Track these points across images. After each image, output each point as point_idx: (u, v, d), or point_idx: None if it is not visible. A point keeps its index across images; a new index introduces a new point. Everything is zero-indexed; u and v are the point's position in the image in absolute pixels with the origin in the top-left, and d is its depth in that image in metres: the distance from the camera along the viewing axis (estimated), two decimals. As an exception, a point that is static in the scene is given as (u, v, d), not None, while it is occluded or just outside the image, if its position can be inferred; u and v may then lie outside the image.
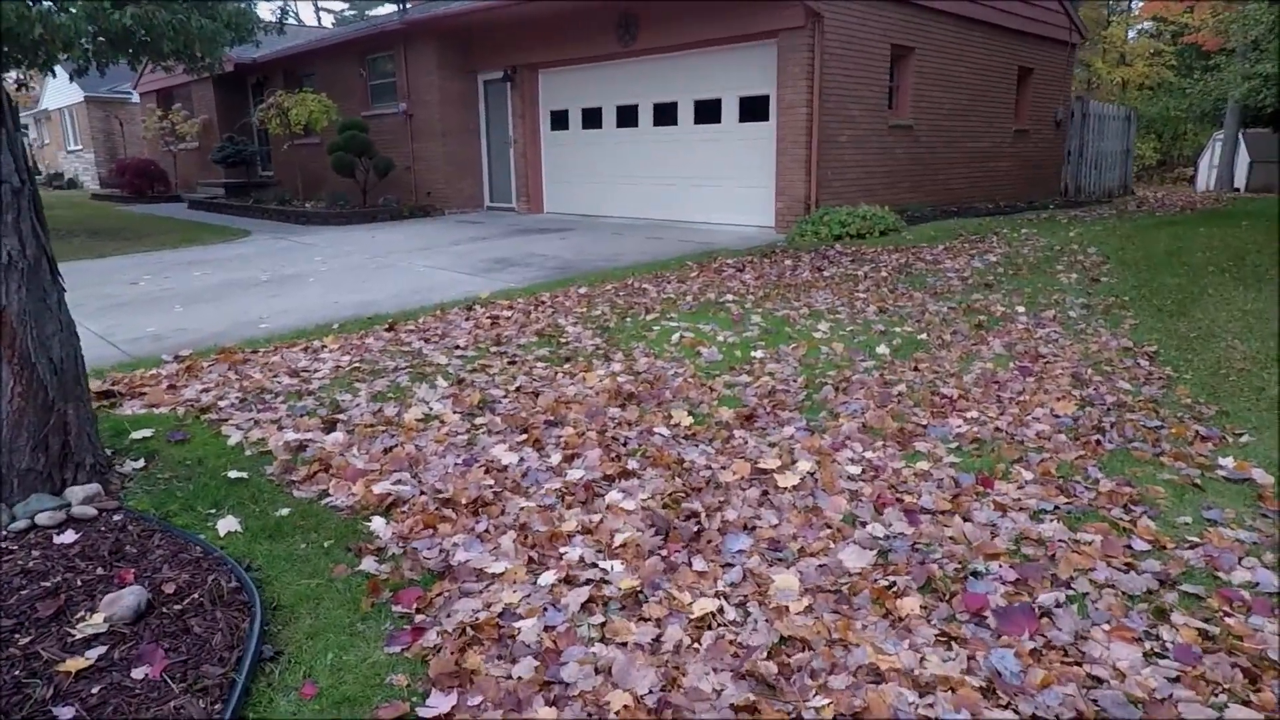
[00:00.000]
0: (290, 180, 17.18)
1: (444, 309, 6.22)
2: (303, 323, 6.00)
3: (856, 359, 4.71)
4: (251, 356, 4.89)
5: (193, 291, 7.39)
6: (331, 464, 3.31)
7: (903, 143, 11.40)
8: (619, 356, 4.80)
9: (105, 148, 27.22)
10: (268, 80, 17.88)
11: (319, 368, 4.60)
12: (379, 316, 6.03)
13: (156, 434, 3.56)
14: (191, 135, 20.11)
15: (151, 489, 3.06)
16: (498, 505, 2.96)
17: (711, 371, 4.51)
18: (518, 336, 5.29)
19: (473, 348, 5.03)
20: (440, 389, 4.22)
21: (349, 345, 5.09)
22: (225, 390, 4.17)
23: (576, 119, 13.10)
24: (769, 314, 5.80)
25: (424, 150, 14.40)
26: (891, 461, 3.31)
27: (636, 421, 3.76)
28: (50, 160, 33.46)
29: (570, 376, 4.43)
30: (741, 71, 10.59)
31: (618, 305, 6.15)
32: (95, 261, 9.60)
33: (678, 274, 7.45)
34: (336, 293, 7.15)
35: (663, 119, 11.76)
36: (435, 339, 5.23)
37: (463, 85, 14.07)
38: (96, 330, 6.00)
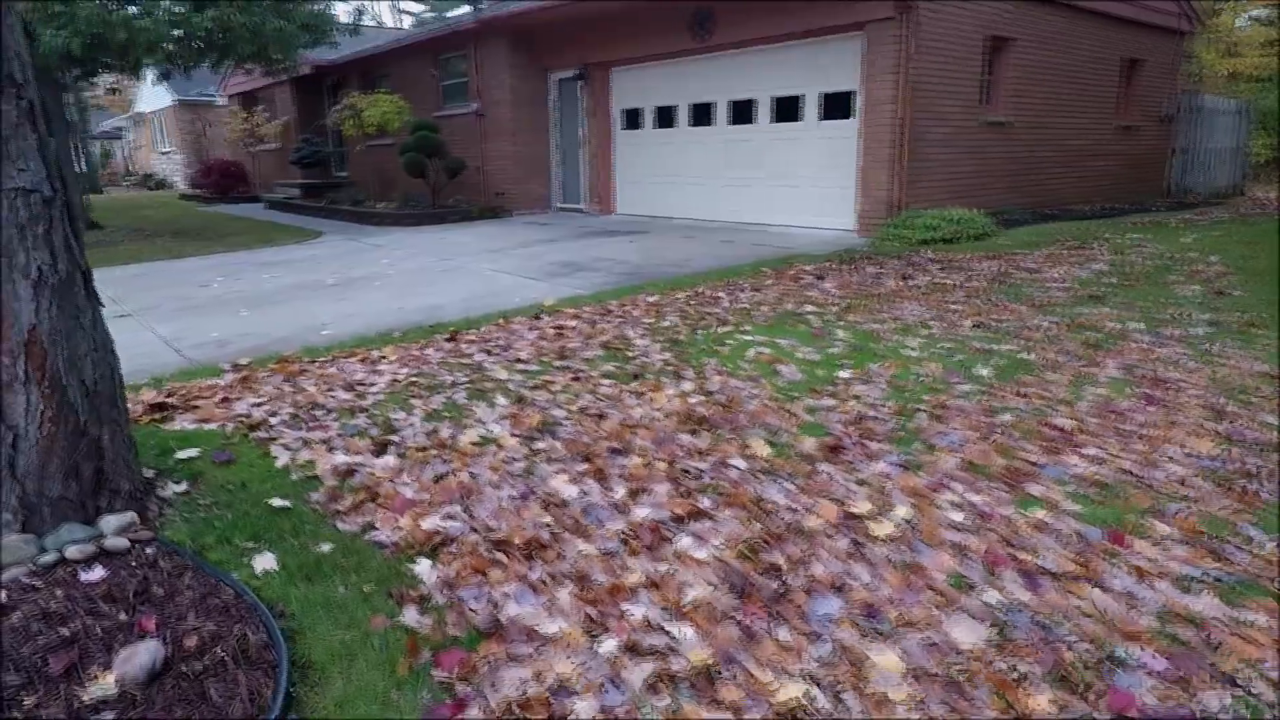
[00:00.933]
0: (364, 181, 17.38)
1: (508, 317, 5.99)
2: (365, 329, 5.84)
3: (953, 381, 4.27)
4: (309, 367, 4.73)
5: (261, 294, 7.35)
6: (379, 492, 3.07)
7: (997, 141, 10.74)
8: (690, 374, 4.46)
9: (193, 149, 28.20)
10: (344, 82, 18.12)
11: (375, 381, 4.40)
12: (441, 324, 5.83)
13: (203, 453, 3.39)
14: (271, 137, 20.58)
15: (190, 516, 2.87)
16: (555, 548, 2.66)
17: (791, 393, 4.13)
18: (583, 349, 5.01)
19: (535, 361, 4.76)
20: (499, 408, 3.96)
21: (408, 357, 4.89)
22: (278, 405, 3.99)
23: (649, 117, 12.80)
24: (853, 328, 5.38)
25: (494, 150, 14.32)
26: (1001, 507, 2.89)
27: (709, 451, 3.43)
28: (143, 162, 34.92)
29: (637, 396, 4.11)
30: (824, 67, 10.11)
31: (689, 316, 5.81)
32: (174, 262, 9.74)
33: (752, 281, 7.07)
34: (401, 297, 7.01)
35: (739, 117, 11.36)
36: (497, 350, 4.99)
37: (534, 84, 13.93)
38: (165, 334, 5.96)
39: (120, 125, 39.93)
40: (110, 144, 40.87)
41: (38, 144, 2.38)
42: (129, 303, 7.25)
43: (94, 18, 9.25)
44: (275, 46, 10.97)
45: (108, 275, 8.87)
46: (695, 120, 12.03)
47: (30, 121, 2.36)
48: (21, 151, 2.33)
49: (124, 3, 10.28)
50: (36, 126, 2.38)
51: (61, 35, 9.15)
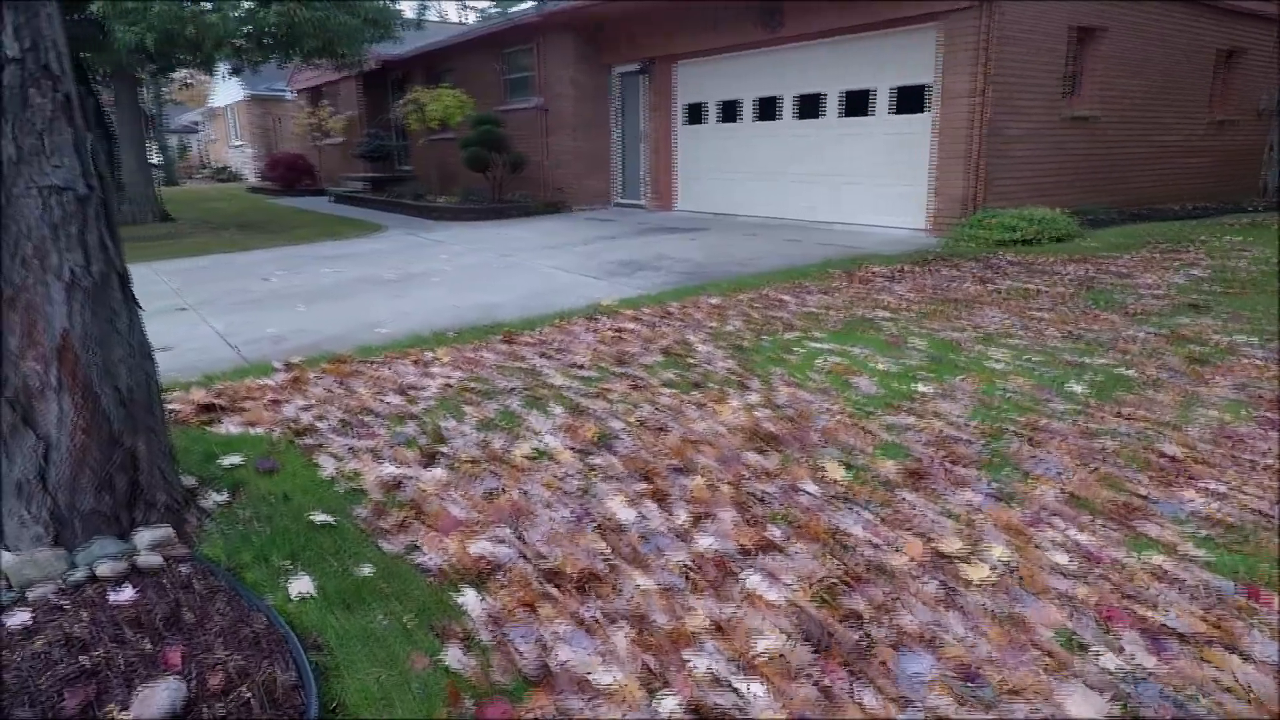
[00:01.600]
0: (427, 175, 17.46)
1: (565, 317, 5.80)
2: (421, 327, 5.72)
3: (1045, 399, 3.91)
4: (361, 368, 4.60)
5: (320, 289, 7.31)
6: (426, 509, 2.88)
7: (1081, 136, 10.16)
8: (756, 384, 4.19)
9: (262, 143, 28.85)
10: (409, 76, 18.23)
11: (428, 385, 4.24)
12: (498, 324, 5.67)
13: (247, 460, 3.26)
14: (337, 131, 20.86)
15: (229, 531, 2.72)
16: (611, 582, 2.43)
17: (867, 408, 3.83)
18: (642, 354, 4.78)
19: (593, 366, 4.55)
20: (555, 418, 3.75)
21: (462, 359, 4.73)
22: (327, 409, 3.86)
23: (713, 112, 12.50)
24: (931, 336, 5.04)
25: (556, 145, 14.20)
26: (1112, 550, 2.57)
27: (778, 472, 3.16)
28: (217, 155, 35.93)
29: (700, 408, 3.87)
30: (897, 59, 9.68)
31: (753, 320, 5.53)
32: (238, 255, 9.83)
33: (821, 283, 6.74)
34: (459, 294, 6.88)
35: (806, 111, 10.99)
36: (554, 354, 4.79)
37: (597, 79, 13.75)
38: (220, 329, 5.93)
39: (196, 120, 41.21)
40: (187, 138, 42.22)
41: (74, 139, 2.24)
42: (189, 295, 7.28)
43: (166, 13, 9.37)
44: (341, 41, 11.00)
45: (173, 267, 8.98)
46: (760, 115, 11.69)
47: (67, 115, 2.23)
48: (56, 147, 2.20)
49: None
50: (74, 121, 2.25)
51: (134, 31, 9.28)
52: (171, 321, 6.24)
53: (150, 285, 7.85)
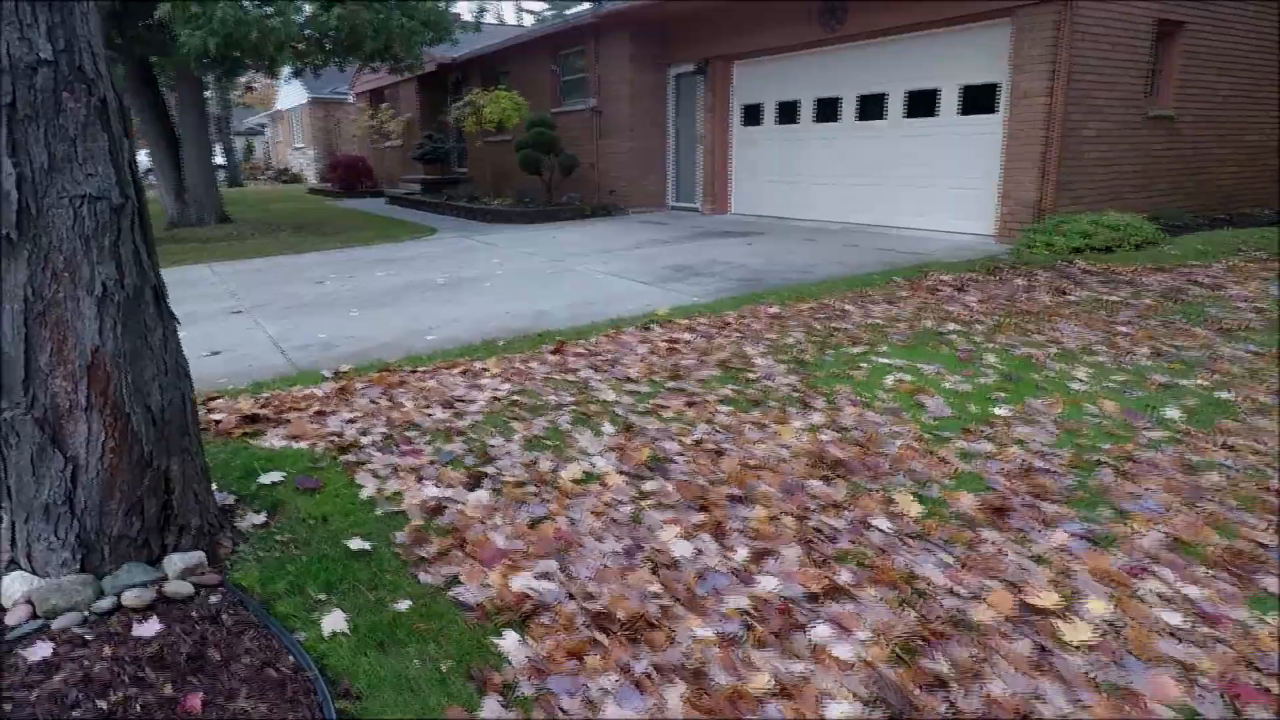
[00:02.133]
0: (481, 177, 17.50)
1: (618, 326, 5.62)
2: (470, 335, 5.60)
3: (1138, 425, 3.59)
4: (408, 378, 4.48)
5: (371, 294, 7.27)
6: (468, 536, 2.72)
7: (1161, 137, 9.61)
8: (819, 403, 3.95)
9: (324, 145, 29.38)
10: (466, 79, 18.31)
11: (475, 398, 4.09)
12: (548, 333, 5.51)
13: (287, 478, 3.14)
14: (395, 133, 21.07)
15: (264, 556, 2.60)
16: (664, 628, 2.23)
17: (940, 432, 3.56)
18: (698, 368, 4.56)
19: (646, 380, 4.35)
20: (605, 437, 3.56)
21: (510, 370, 4.57)
22: (371, 423, 3.74)
23: (770, 113, 12.22)
24: (1005, 351, 4.72)
25: (609, 147, 14.06)
26: (1230, 607, 2.27)
27: (846, 504, 2.92)
28: (281, 157, 36.76)
29: (760, 429, 3.64)
30: (965, 56, 9.29)
31: (815, 332, 5.27)
32: (293, 257, 9.89)
33: (884, 292, 6.44)
34: (509, 300, 6.76)
35: (868, 112, 10.64)
36: (605, 366, 4.61)
37: (652, 79, 13.57)
38: (273, 333, 5.89)
39: (263, 122, 42.24)
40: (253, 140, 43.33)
41: (109, 145, 2.13)
42: (245, 298, 7.31)
43: (229, 18, 9.47)
44: (399, 43, 11.01)
45: (231, 269, 9.06)
46: (819, 115, 11.37)
47: (102, 121, 2.11)
48: (90, 154, 2.08)
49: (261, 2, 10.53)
50: (109, 126, 2.13)
51: (198, 35, 9.40)
52: (226, 325, 6.24)
53: (208, 287, 7.92)
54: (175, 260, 9.82)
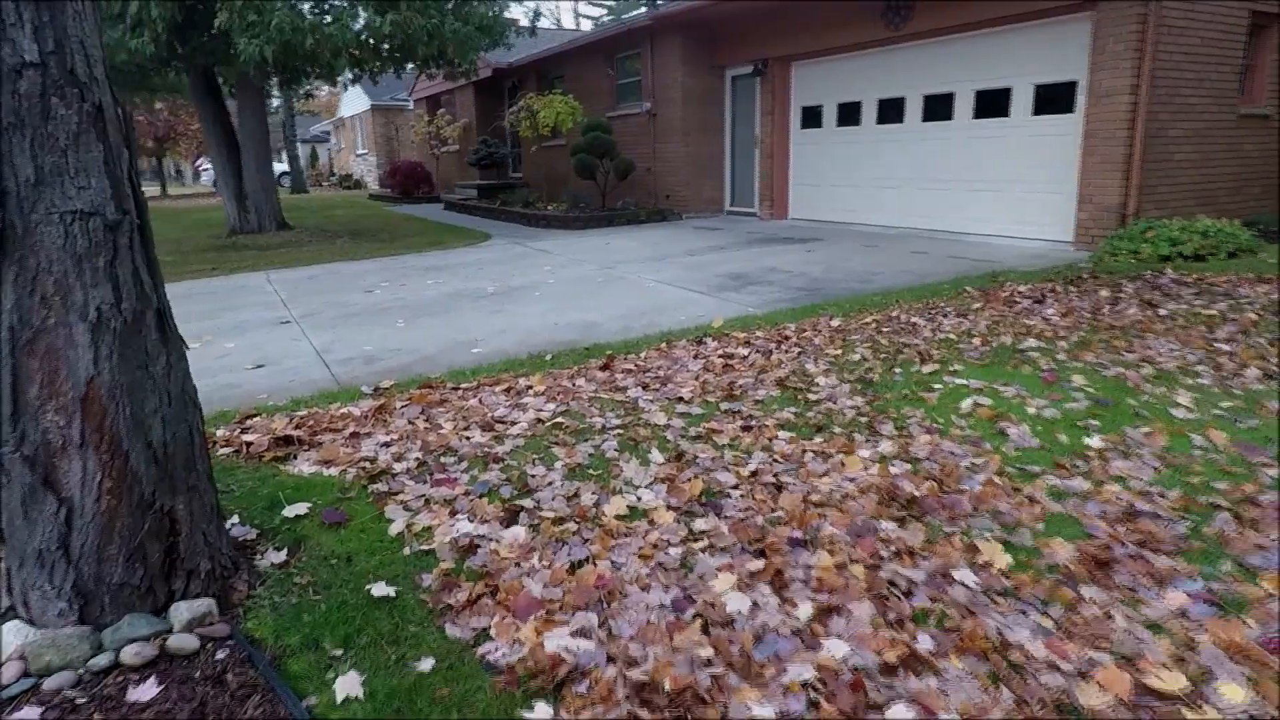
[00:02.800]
0: (537, 182, 17.43)
1: (670, 339, 5.34)
2: (516, 347, 5.39)
3: (1256, 461, 3.17)
4: (449, 395, 4.27)
5: (420, 303, 7.13)
6: (501, 584, 2.47)
7: (1255, 137, 8.95)
8: (888, 429, 3.61)
9: (384, 151, 29.79)
10: (522, 84, 18.27)
11: (517, 420, 3.86)
12: (597, 346, 5.27)
13: (313, 510, 2.94)
14: (452, 139, 21.18)
15: (280, 601, 2.39)
16: (716, 704, 1.94)
17: (1026, 466, 3.19)
18: (754, 387, 4.26)
19: (699, 401, 4.07)
20: (653, 465, 3.29)
21: (556, 388, 4.33)
22: (407, 447, 3.53)
23: (831, 115, 11.81)
24: (1094, 372, 4.30)
25: (665, 151, 13.80)
26: (1397, 698, 1.89)
27: (923, 551, 2.59)
28: (343, 163, 37.47)
29: (823, 458, 3.32)
30: (1040, 54, 8.78)
31: (881, 347, 4.92)
32: (346, 265, 9.86)
33: (955, 303, 6.03)
34: (559, 310, 6.54)
35: (934, 113, 10.17)
36: (655, 384, 4.34)
37: (709, 81, 13.28)
38: (319, 344, 5.78)
39: (327, 129, 43.17)
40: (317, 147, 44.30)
41: (104, 156, 1.94)
42: (295, 306, 7.24)
43: (285, 25, 9.50)
44: (453, 49, 10.94)
45: (285, 277, 9.06)
46: (882, 117, 10.93)
47: (97, 129, 1.92)
48: (83, 165, 1.90)
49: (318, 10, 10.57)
50: (105, 135, 1.95)
51: (255, 43, 9.45)
52: (273, 335, 6.15)
53: (262, 295, 7.89)
54: (233, 268, 9.89)
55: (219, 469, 3.37)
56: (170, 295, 2.33)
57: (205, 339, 6.13)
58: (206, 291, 8.26)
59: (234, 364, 5.37)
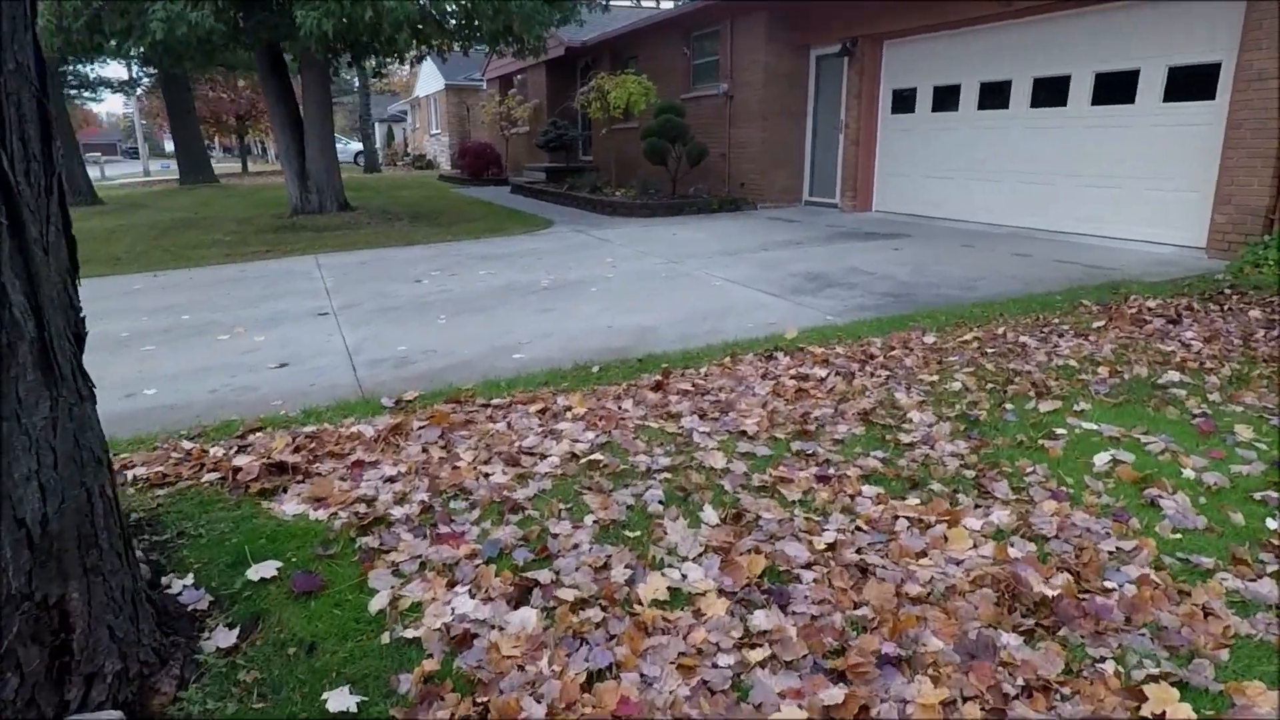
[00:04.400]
0: (606, 165, 16.85)
1: (736, 352, 4.68)
2: (562, 354, 4.81)
3: None
4: (476, 415, 3.71)
5: (467, 297, 6.62)
6: (493, 702, 1.89)
7: None
8: (1003, 490, 2.89)
9: (457, 132, 29.64)
10: (595, 63, 17.67)
11: (548, 451, 3.27)
12: (651, 357, 4.65)
13: (284, 572, 2.41)
14: (523, 120, 20.75)
15: (216, 707, 1.86)
16: None
17: (1192, 557, 2.44)
18: (833, 420, 3.57)
19: (765, 436, 3.41)
20: (705, 526, 2.66)
21: (599, 410, 3.73)
22: (413, 485, 2.98)
23: (925, 99, 10.85)
24: (1260, 420, 3.47)
25: (741, 136, 13.02)
26: None
27: (1061, 684, 1.90)
28: (418, 143, 37.61)
29: (920, 527, 2.64)
30: (1176, 31, 7.71)
31: (986, 374, 4.16)
32: (400, 250, 9.46)
33: (1071, 320, 5.19)
34: (613, 311, 5.93)
35: (1045, 98, 9.15)
36: (714, 412, 3.69)
37: (791, 62, 12.42)
38: (351, 342, 5.31)
39: (403, 109, 43.47)
40: (394, 126, 44.69)
41: None
42: (338, 296, 6.83)
43: (344, -2, 9.09)
44: (519, 23, 10.39)
45: (336, 262, 8.70)
46: (985, 102, 9.94)
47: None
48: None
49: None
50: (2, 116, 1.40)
51: (313, 16, 9.07)
52: (307, 329, 5.73)
53: (307, 282, 7.52)
54: (287, 250, 9.60)
55: (196, 502, 2.89)
56: (219, 279, 1.90)
57: (237, 331, 5.74)
58: (255, 276, 7.94)
59: (258, 361, 4.94)
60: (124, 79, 29.32)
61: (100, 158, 44.59)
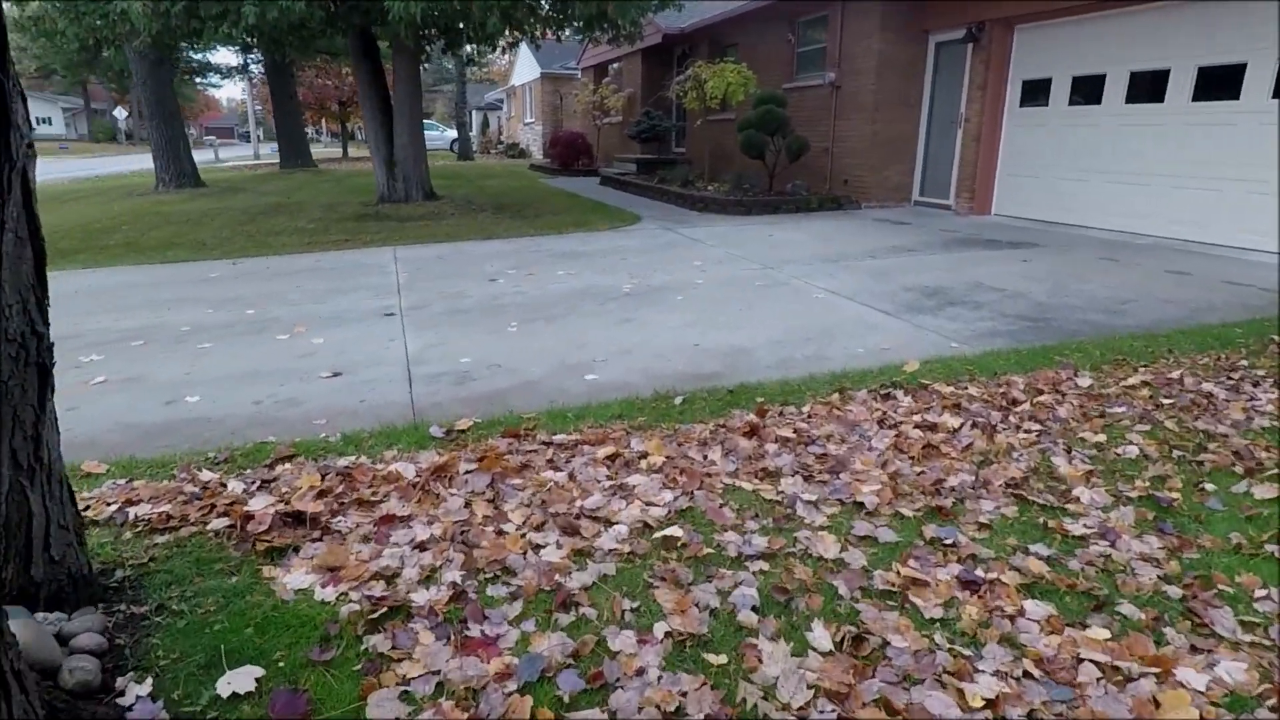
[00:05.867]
0: (699, 158, 16.15)
1: (845, 386, 3.97)
2: (640, 378, 4.20)
3: None
4: (534, 456, 3.13)
5: (542, 301, 6.07)
6: None
7: None
8: (1224, 622, 2.11)
9: (551, 121, 29.38)
10: (692, 51, 16.96)
11: (616, 513, 2.65)
12: (744, 390, 3.98)
13: (264, 684, 1.87)
14: (616, 109, 20.21)
15: None
16: None
17: None
18: (974, 492, 2.84)
19: (888, 511, 2.70)
20: (814, 653, 1.99)
21: (680, 460, 3.09)
22: (446, 559, 2.40)
23: (1061, 90, 9.74)
24: None
25: (847, 129, 12.11)
26: None
27: None
28: (512, 131, 37.65)
29: (1117, 682, 1.90)
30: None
31: (1168, 435, 3.32)
32: (478, 245, 9.02)
33: (1264, 362, 4.25)
34: (701, 325, 5.28)
35: (1209, 90, 7.99)
36: (822, 471, 3.00)
37: (908, 49, 11.43)
38: (412, 350, 4.84)
39: (500, 97, 43.67)
40: (490, 115, 44.96)
41: None
42: (408, 294, 6.40)
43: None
44: (613, 8, 9.80)
45: (413, 255, 8.32)
46: (1134, 94, 8.79)
47: None
48: None
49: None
50: None
51: (402, 1, 8.69)
52: (370, 332, 5.29)
53: (380, 277, 7.14)
54: (367, 241, 9.30)
55: (193, 559, 2.40)
56: (294, 269, 1.50)
57: (297, 330, 5.35)
58: (330, 267, 7.62)
59: (311, 368, 4.51)
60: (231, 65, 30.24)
61: (215, 141, 46.55)
